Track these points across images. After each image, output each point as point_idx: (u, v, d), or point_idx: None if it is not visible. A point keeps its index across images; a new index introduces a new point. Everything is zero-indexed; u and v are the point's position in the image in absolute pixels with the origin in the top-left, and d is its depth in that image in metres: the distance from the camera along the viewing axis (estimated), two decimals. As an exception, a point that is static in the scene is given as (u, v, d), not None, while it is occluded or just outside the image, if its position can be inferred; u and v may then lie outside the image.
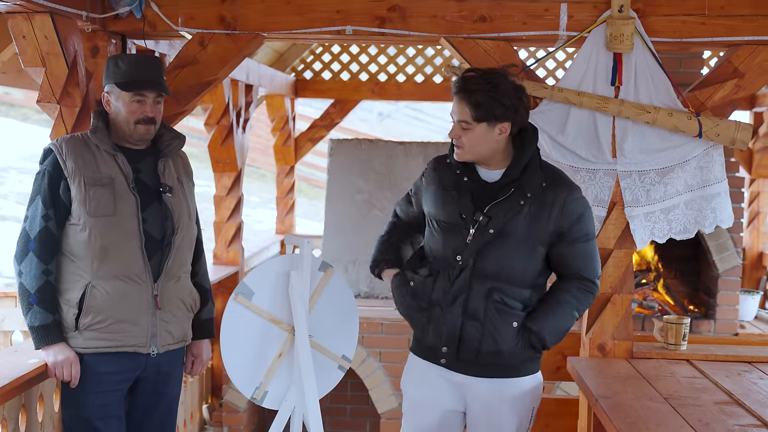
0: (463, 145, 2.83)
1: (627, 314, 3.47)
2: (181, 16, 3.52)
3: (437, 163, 3.01)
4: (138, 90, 3.02)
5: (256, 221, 13.94)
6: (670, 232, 3.44)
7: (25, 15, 3.19)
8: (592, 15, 3.40)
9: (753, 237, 7.20)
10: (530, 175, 2.84)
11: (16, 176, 14.53)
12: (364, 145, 6.63)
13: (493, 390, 2.90)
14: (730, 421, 2.63)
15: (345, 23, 3.50)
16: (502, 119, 2.79)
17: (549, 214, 2.82)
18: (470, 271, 2.83)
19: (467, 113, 2.79)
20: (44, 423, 3.22)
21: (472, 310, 2.83)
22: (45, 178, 2.99)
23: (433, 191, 2.95)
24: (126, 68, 3.03)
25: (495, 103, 2.76)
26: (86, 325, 2.98)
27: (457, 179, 2.89)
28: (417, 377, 3.00)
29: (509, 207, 2.82)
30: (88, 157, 3.01)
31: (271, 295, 3.21)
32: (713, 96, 3.39)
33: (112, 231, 2.99)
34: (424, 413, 2.99)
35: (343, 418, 6.59)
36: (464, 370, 2.90)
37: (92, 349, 2.99)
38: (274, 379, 3.23)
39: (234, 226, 5.87)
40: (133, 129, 3.04)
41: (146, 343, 3.04)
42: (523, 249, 2.83)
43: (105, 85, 3.07)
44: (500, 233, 2.81)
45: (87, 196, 2.97)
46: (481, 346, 2.84)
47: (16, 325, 5.59)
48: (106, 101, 3.07)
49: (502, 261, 2.82)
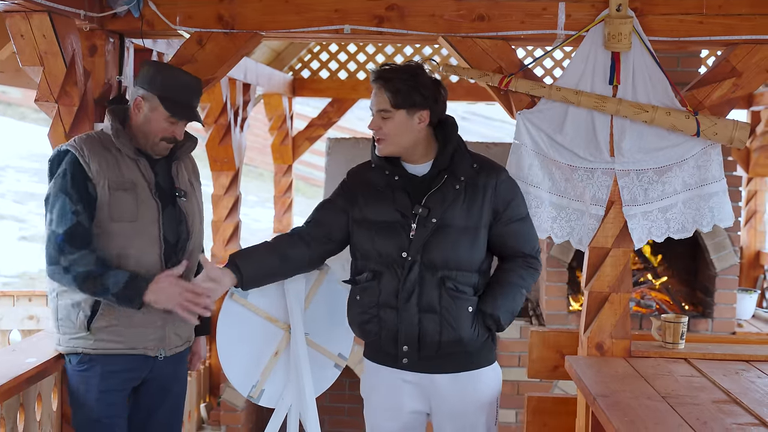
0: (385, 137, 2.88)
1: (625, 313, 3.47)
2: (179, 15, 3.52)
3: (358, 170, 3.05)
4: (181, 118, 2.97)
5: (254, 220, 13.93)
6: (668, 231, 3.45)
7: (23, 14, 3.18)
8: (590, 14, 3.40)
9: (750, 236, 7.21)
10: (459, 160, 2.90)
11: (13, 175, 14.51)
12: (362, 144, 6.63)
13: (455, 386, 2.93)
14: (728, 420, 2.63)
15: (343, 22, 3.50)
16: (421, 107, 2.85)
17: (483, 197, 2.89)
18: (420, 265, 2.86)
19: (386, 101, 2.85)
20: (42, 422, 3.21)
21: (426, 303, 2.86)
22: (68, 176, 2.88)
23: (364, 196, 2.96)
24: (173, 86, 2.96)
25: (413, 90, 2.83)
26: (98, 328, 2.95)
27: (387, 179, 2.93)
28: (376, 383, 3.03)
29: (445, 194, 2.87)
30: (110, 160, 2.95)
31: (267, 293, 3.20)
32: (711, 95, 3.39)
33: (133, 237, 2.94)
34: (387, 418, 3.02)
35: (341, 417, 6.60)
36: (425, 369, 2.92)
37: (101, 350, 2.97)
38: (271, 378, 3.23)
39: (232, 225, 5.87)
40: (156, 144, 3.00)
41: (155, 347, 3.04)
42: (466, 235, 2.88)
43: (141, 89, 2.99)
44: (442, 222, 2.86)
45: (111, 201, 2.91)
46: (442, 337, 2.87)
47: (14, 324, 5.60)
48: (137, 105, 2.99)
49: (449, 249, 2.86)
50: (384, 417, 3.03)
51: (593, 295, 3.48)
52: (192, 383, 5.36)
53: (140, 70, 3.05)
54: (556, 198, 3.44)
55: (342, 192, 3.07)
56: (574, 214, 3.45)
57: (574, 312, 5.60)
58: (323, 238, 3.04)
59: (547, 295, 5.56)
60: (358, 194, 3.00)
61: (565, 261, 5.52)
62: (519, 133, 3.43)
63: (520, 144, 3.43)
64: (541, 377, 3.82)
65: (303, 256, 3.05)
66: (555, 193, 3.44)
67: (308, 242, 3.04)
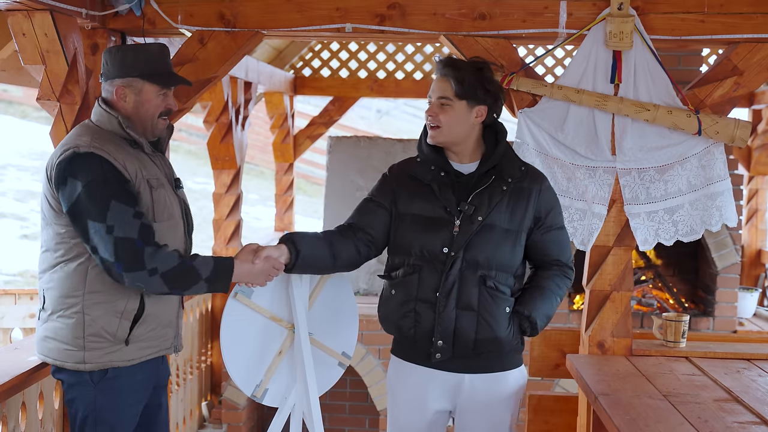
0: (440, 124, 2.88)
1: (626, 312, 3.48)
2: (180, 14, 3.52)
3: (402, 165, 3.02)
4: (171, 84, 2.83)
5: (255, 218, 13.94)
6: (677, 234, 3.43)
7: (25, 12, 3.18)
8: (592, 13, 3.40)
9: (752, 234, 7.21)
10: (507, 162, 2.91)
11: (14, 173, 14.52)
12: (363, 142, 6.63)
13: (484, 386, 2.93)
14: (729, 418, 2.64)
15: (345, 21, 3.50)
16: (482, 102, 2.87)
17: (527, 201, 2.90)
18: (461, 262, 2.85)
19: (450, 89, 2.85)
20: (44, 420, 3.22)
21: (465, 300, 2.86)
22: (109, 182, 2.66)
23: (408, 190, 2.95)
24: (147, 60, 2.79)
25: (478, 84, 2.85)
26: (138, 336, 2.81)
27: (434, 174, 2.93)
28: (404, 380, 3.02)
29: (492, 194, 2.87)
30: (133, 159, 2.77)
31: (271, 292, 3.20)
32: (712, 93, 3.40)
33: (168, 235, 2.82)
34: (412, 414, 3.01)
35: (342, 415, 6.60)
36: (455, 368, 2.92)
37: (137, 360, 2.83)
38: (275, 377, 3.23)
39: (233, 224, 5.87)
40: (156, 123, 2.85)
41: (172, 345, 2.98)
42: (508, 236, 2.88)
43: (117, 79, 2.80)
44: (487, 222, 2.86)
45: (154, 200, 2.78)
46: (477, 335, 2.86)
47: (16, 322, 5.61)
48: (120, 96, 2.79)
49: (492, 249, 2.86)
50: (408, 414, 3.02)
51: (594, 293, 3.49)
52: (194, 381, 5.37)
53: (103, 63, 2.85)
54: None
55: (383, 188, 3.02)
56: (577, 214, 3.45)
57: (576, 310, 5.61)
58: (367, 240, 3.01)
59: (549, 293, 5.55)
60: (401, 189, 2.97)
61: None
62: (521, 131, 3.43)
63: (521, 142, 3.44)
64: (543, 376, 3.82)
65: (351, 256, 3.01)
66: (557, 193, 3.44)
67: (356, 244, 3.00)
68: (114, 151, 2.74)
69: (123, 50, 2.82)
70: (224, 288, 2.81)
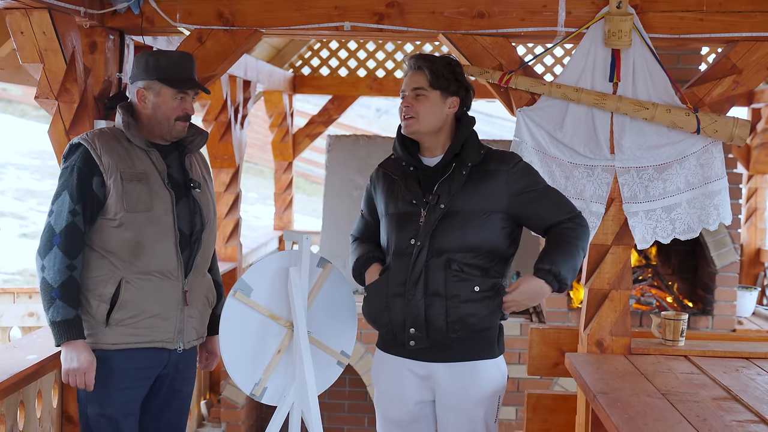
0: (416, 115, 2.95)
1: (625, 310, 3.47)
2: (179, 12, 3.52)
3: (382, 164, 3.14)
4: (186, 88, 3.01)
5: (255, 217, 13.94)
6: (674, 232, 3.43)
7: (23, 11, 3.18)
8: (591, 11, 3.40)
9: (751, 233, 7.20)
10: (468, 149, 2.97)
11: (13, 172, 14.52)
12: (362, 141, 6.63)
13: (455, 376, 2.95)
14: (727, 417, 2.64)
15: (343, 19, 3.50)
16: (455, 94, 2.97)
17: (496, 181, 2.92)
18: (427, 251, 2.90)
19: (425, 80, 2.94)
20: (42, 419, 3.22)
21: (433, 287, 2.90)
22: (74, 173, 2.92)
23: (383, 187, 3.07)
24: (168, 65, 3.01)
25: (451, 76, 2.96)
26: (117, 321, 2.94)
27: (403, 169, 3.02)
28: (384, 372, 3.08)
29: (453, 180, 2.93)
30: (122, 153, 2.98)
31: (270, 291, 3.20)
32: (711, 92, 3.39)
33: (148, 227, 2.96)
34: (395, 406, 3.06)
35: (341, 413, 6.59)
36: (428, 358, 2.95)
37: (122, 345, 2.96)
38: (274, 376, 3.23)
39: (232, 222, 5.86)
40: (173, 126, 3.03)
41: (173, 339, 3.04)
42: (475, 218, 2.90)
43: (139, 81, 3.02)
44: (450, 208, 2.91)
45: (124, 192, 2.93)
46: (448, 318, 2.89)
47: (14, 321, 5.60)
48: (141, 97, 3.02)
49: (457, 234, 2.90)
50: (392, 406, 3.07)
51: (593, 292, 3.49)
52: (192, 380, 5.36)
53: (133, 66, 3.10)
54: (556, 196, 3.44)
55: (367, 199, 3.18)
56: (575, 212, 3.45)
57: (575, 309, 5.61)
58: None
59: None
60: (379, 191, 3.10)
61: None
62: (519, 130, 3.43)
63: (520, 141, 3.44)
64: (541, 374, 3.82)
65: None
66: (556, 191, 3.44)
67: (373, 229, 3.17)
68: (102, 143, 2.96)
69: (147, 55, 3.04)
70: (57, 341, 2.91)
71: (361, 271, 3.10)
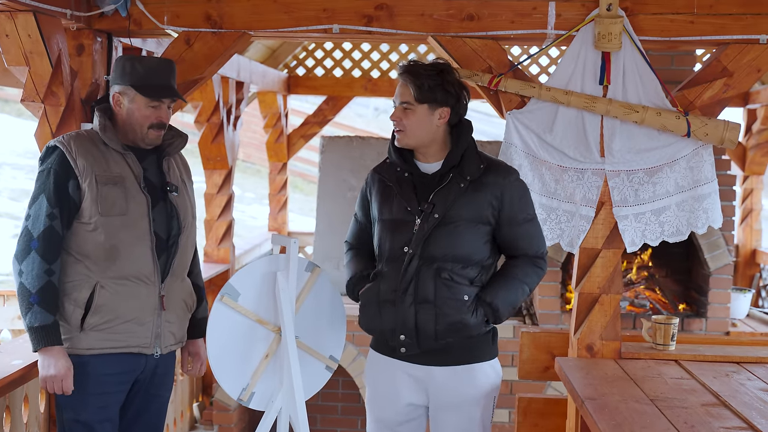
0: (404, 128, 2.92)
1: (615, 314, 3.46)
2: (166, 15, 3.50)
3: (377, 168, 3.12)
4: (159, 97, 2.98)
5: (251, 217, 13.92)
6: (663, 235, 3.42)
7: (7, 14, 3.16)
8: (581, 14, 3.38)
9: (746, 234, 7.19)
10: (468, 160, 2.94)
11: (9, 172, 14.49)
12: (356, 142, 6.61)
13: (453, 379, 2.95)
14: (715, 424, 2.62)
15: (332, 22, 3.48)
16: (443, 104, 2.91)
17: (489, 194, 2.92)
18: (419, 259, 2.90)
19: (410, 94, 2.90)
20: (29, 424, 3.20)
21: (423, 295, 2.90)
22: (51, 176, 2.90)
23: (377, 192, 3.05)
24: (144, 72, 2.98)
25: (438, 87, 2.89)
26: (92, 326, 2.92)
27: (398, 175, 3.00)
28: (376, 373, 3.08)
29: (450, 191, 2.91)
30: (97, 155, 2.96)
31: (258, 295, 3.18)
32: (702, 95, 3.37)
33: (123, 231, 2.94)
34: (386, 407, 3.06)
35: (334, 416, 6.58)
36: (423, 361, 2.96)
37: (97, 350, 2.94)
38: (261, 380, 3.21)
39: (225, 224, 5.84)
40: (146, 133, 3.01)
41: (150, 344, 3.02)
42: (468, 230, 2.91)
43: (116, 85, 3.00)
44: (445, 219, 2.90)
45: (99, 195, 2.91)
46: (437, 326, 2.89)
47: (4, 324, 5.57)
48: (116, 101, 3.00)
49: (449, 244, 2.90)
50: (383, 407, 3.07)
51: (583, 296, 3.47)
52: (185, 383, 5.35)
53: (113, 68, 3.07)
54: (545, 200, 3.43)
55: (362, 203, 3.15)
56: (564, 216, 3.44)
57: (568, 311, 5.59)
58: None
59: (541, 294, 5.54)
60: (373, 195, 3.08)
61: (558, 260, 5.50)
62: (508, 133, 3.42)
63: (509, 144, 3.42)
64: (532, 378, 3.80)
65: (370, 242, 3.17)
66: (545, 195, 3.43)
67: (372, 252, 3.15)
68: (78, 146, 2.94)
69: (125, 59, 3.03)
70: (35, 347, 2.88)
71: (354, 289, 3.09)
